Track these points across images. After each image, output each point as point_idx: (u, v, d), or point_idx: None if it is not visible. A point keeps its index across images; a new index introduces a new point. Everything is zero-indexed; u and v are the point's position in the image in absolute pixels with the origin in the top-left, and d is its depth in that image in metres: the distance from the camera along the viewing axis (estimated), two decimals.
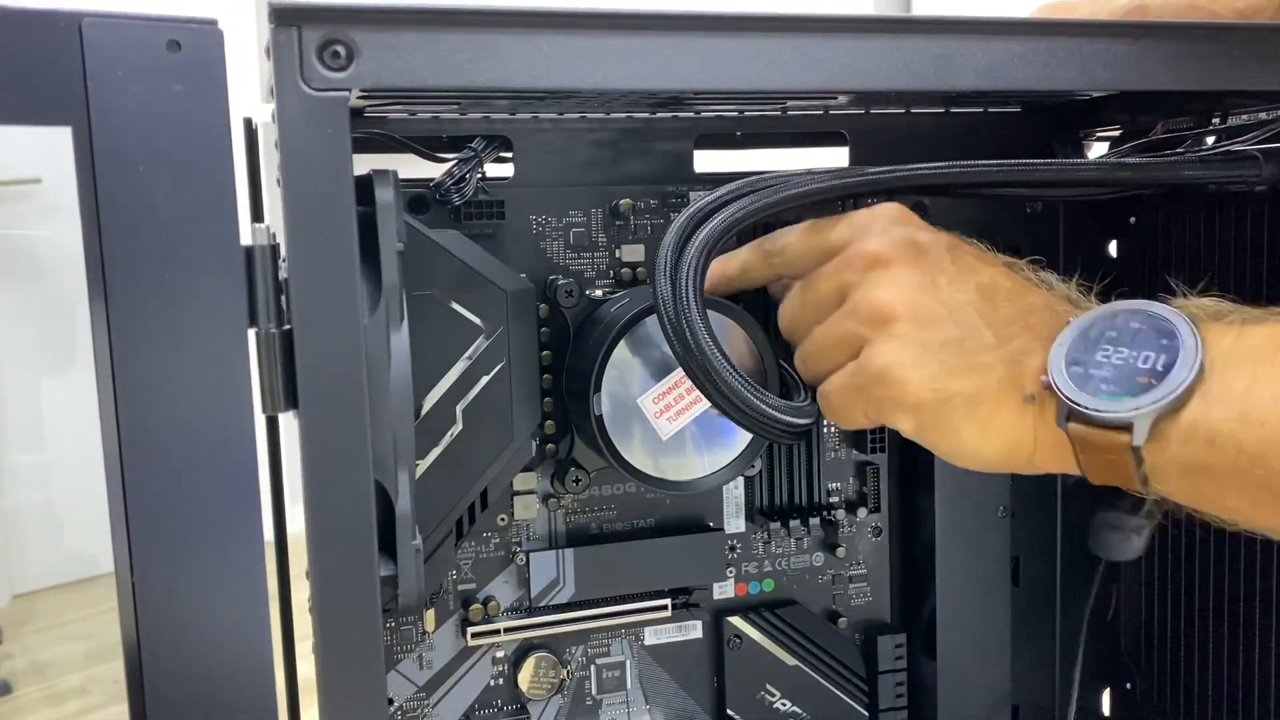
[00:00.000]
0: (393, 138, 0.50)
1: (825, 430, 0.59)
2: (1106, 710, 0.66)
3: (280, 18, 0.36)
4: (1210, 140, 0.50)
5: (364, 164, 0.42)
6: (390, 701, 0.53)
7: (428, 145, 0.51)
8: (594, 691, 0.57)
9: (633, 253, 0.54)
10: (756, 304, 0.55)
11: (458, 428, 0.47)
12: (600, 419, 0.48)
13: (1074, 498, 0.61)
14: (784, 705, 0.58)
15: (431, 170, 0.50)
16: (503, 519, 0.54)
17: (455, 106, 0.49)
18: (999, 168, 0.46)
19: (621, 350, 0.48)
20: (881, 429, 0.59)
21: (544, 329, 0.52)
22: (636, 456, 0.49)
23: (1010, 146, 0.59)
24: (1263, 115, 0.49)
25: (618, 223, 0.54)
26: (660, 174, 0.54)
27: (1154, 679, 0.62)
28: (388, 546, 0.41)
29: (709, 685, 0.58)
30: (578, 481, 0.53)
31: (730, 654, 0.58)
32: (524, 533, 0.55)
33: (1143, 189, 0.50)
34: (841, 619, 0.60)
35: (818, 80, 0.42)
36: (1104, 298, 0.41)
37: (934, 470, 0.57)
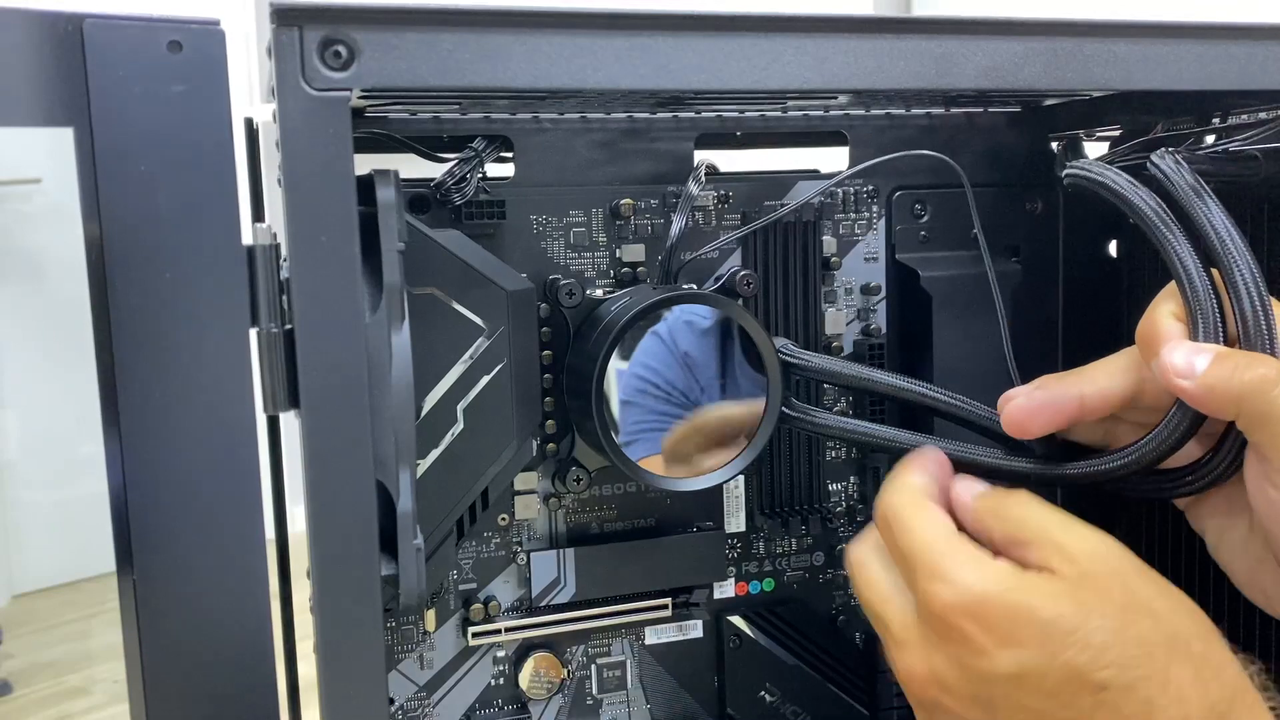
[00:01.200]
0: (394, 138, 0.50)
1: None
2: None
3: (282, 18, 0.36)
4: (1210, 140, 0.50)
5: (365, 164, 0.42)
6: (391, 701, 0.53)
7: (428, 145, 0.51)
8: (594, 691, 0.57)
9: (633, 253, 0.54)
10: (755, 305, 0.55)
11: (459, 427, 0.47)
12: (601, 418, 0.48)
13: (1074, 495, 0.61)
14: (784, 705, 0.58)
15: (432, 170, 0.50)
16: (503, 519, 0.54)
17: (456, 106, 0.50)
18: None
19: (623, 349, 0.49)
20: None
21: (544, 329, 0.52)
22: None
23: (1010, 146, 0.59)
24: (1263, 115, 0.49)
25: (618, 223, 0.54)
26: (660, 174, 0.54)
27: None
28: (389, 546, 0.41)
29: (709, 685, 0.58)
30: (578, 481, 0.53)
31: (730, 654, 0.58)
32: (525, 532, 0.55)
33: None
34: (841, 619, 0.60)
35: (818, 80, 0.42)
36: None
37: None
